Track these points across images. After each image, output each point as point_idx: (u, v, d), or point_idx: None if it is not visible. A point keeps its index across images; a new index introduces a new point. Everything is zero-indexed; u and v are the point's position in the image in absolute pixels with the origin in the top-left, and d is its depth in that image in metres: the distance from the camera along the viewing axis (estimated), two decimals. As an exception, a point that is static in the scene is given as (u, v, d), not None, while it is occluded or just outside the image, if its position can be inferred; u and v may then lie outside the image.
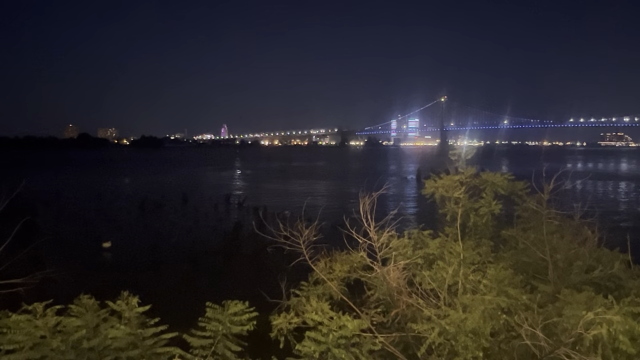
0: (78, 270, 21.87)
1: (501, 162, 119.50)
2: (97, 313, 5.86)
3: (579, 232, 7.49)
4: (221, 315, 6.10)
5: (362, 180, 7.91)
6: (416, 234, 7.64)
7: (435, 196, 7.98)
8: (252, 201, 51.66)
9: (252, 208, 44.23)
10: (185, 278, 24.89)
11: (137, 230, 37.46)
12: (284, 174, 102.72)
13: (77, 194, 59.85)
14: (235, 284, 23.46)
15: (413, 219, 34.95)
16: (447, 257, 6.97)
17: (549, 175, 7.31)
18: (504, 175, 8.28)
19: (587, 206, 7.95)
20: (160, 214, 45.87)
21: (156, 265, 27.55)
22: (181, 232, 36.45)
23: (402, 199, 57.43)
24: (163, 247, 30.81)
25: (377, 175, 67.96)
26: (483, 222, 8.03)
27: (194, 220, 41.67)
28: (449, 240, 7.38)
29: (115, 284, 7.48)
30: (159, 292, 21.87)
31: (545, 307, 5.79)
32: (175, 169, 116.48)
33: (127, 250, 31.25)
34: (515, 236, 7.90)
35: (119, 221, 40.88)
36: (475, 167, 7.95)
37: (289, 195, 60.98)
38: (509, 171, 8.71)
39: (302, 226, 6.84)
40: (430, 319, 5.94)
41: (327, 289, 7.17)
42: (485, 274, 6.62)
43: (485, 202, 8.04)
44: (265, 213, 40.55)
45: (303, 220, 6.94)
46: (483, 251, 7.36)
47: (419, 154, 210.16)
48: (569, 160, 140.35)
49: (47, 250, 25.67)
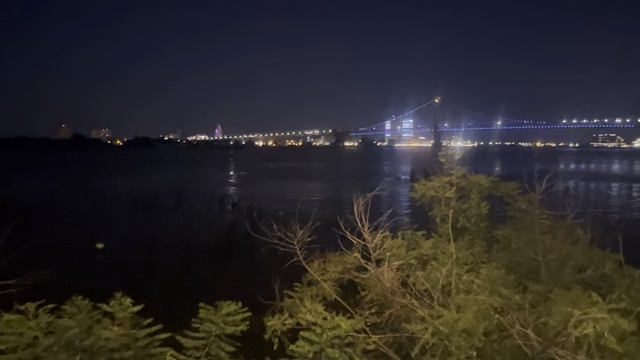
0: (71, 272, 21.74)
1: (494, 163, 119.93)
2: (90, 314, 5.85)
3: (571, 232, 7.54)
4: (214, 316, 6.10)
5: (357, 181, 7.95)
6: (410, 235, 7.67)
7: (424, 198, 8.00)
8: (246, 202, 51.56)
9: (246, 209, 44.11)
10: (178, 279, 24.79)
11: (130, 231, 37.32)
12: (278, 174, 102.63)
13: (69, 195, 59.45)
14: (228, 285, 23.34)
15: (407, 219, 35.00)
16: (440, 258, 7.00)
17: (541, 176, 7.36)
18: (490, 177, 8.32)
19: (579, 207, 8.00)
20: (153, 214, 45.70)
21: (149, 266, 27.42)
22: (174, 232, 36.34)
23: (396, 199, 57.42)
24: (156, 247, 30.67)
25: (371, 176, 68.01)
26: (472, 223, 8.07)
27: (187, 221, 41.55)
28: (442, 240, 7.42)
29: (109, 285, 7.45)
30: (152, 293, 21.69)
31: (537, 307, 5.84)
32: (169, 169, 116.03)
33: (121, 251, 31.11)
34: (507, 236, 7.95)
35: (112, 222, 40.70)
36: (466, 168, 7.99)
37: (283, 196, 60.87)
38: (502, 172, 8.78)
39: (296, 227, 6.86)
40: (424, 319, 5.96)
41: (320, 290, 7.18)
42: (478, 274, 6.66)
43: (473, 203, 8.08)
44: (259, 214, 40.21)
45: (297, 221, 6.96)
46: (476, 251, 7.41)
47: (413, 154, 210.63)
48: (562, 161, 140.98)
49: (40, 252, 25.45)
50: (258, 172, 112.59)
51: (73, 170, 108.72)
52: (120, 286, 6.58)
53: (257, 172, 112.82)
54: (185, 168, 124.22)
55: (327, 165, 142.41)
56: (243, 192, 65.25)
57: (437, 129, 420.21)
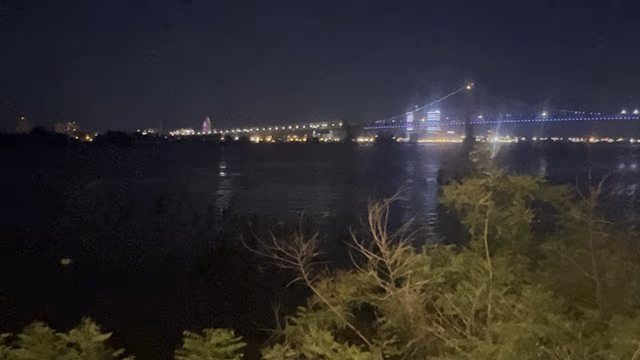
0: (30, 293, 21.86)
1: (538, 162, 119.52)
2: (52, 344, 5.87)
3: (633, 247, 7.50)
4: (202, 346, 6.10)
5: (372, 184, 7.94)
6: (436, 249, 7.66)
7: (456, 205, 7.98)
8: (240, 209, 51.62)
9: (239, 217, 44.08)
10: (158, 301, 24.84)
11: (102, 245, 37.43)
12: (277, 176, 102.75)
13: (28, 200, 59.91)
14: (218, 310, 23.42)
15: (433, 230, 34.95)
16: (473, 277, 6.98)
17: (596, 179, 7.32)
18: (537, 177, 8.28)
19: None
20: (128, 225, 45.86)
21: (123, 286, 27.53)
22: (154, 246, 36.45)
23: (420, 206, 57.38)
24: (132, 264, 30.78)
25: (389, 178, 68.10)
26: (513, 235, 8.04)
27: (169, 233, 41.70)
28: (475, 255, 7.40)
29: (75, 308, 7.48)
30: (126, 318, 21.84)
31: (591, 337, 5.80)
32: (147, 170, 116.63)
33: (90, 268, 31.22)
34: (556, 251, 7.91)
35: (80, 234, 40.90)
36: (505, 168, 7.97)
37: (284, 203, 60.90)
38: (548, 173, 8.71)
39: (300, 240, 6.86)
40: (454, 352, 5.94)
41: (329, 316, 7.18)
42: (520, 296, 6.63)
43: (515, 210, 8.04)
44: (255, 224, 40.40)
45: (301, 232, 6.96)
46: (517, 269, 7.38)
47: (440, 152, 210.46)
48: (621, 160, 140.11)
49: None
50: (254, 173, 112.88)
51: (33, 170, 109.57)
52: (89, 310, 6.61)
53: (253, 173, 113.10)
54: (166, 168, 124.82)
55: (336, 165, 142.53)
56: (236, 197, 65.31)
57: (469, 121, 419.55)
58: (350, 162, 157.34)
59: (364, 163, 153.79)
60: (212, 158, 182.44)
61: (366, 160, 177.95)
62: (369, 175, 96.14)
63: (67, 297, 24.78)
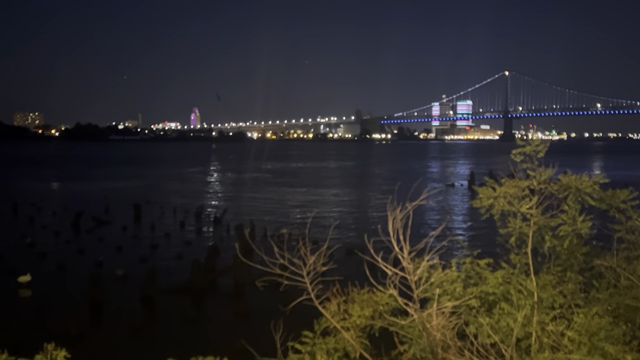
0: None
1: (592, 162, 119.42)
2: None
3: None
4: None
5: (391, 187, 7.90)
6: (469, 264, 7.61)
7: (493, 210, 7.92)
8: (235, 216, 51.95)
9: (234, 226, 44.34)
10: (137, 325, 24.98)
11: (69, 258, 37.68)
12: (279, 178, 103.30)
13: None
14: (208, 334, 23.52)
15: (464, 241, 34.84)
16: (514, 298, 6.94)
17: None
18: (595, 178, 8.21)
19: None
20: (101, 234, 46.22)
21: (95, 307, 27.67)
22: (132, 260, 36.66)
23: (449, 213, 57.51)
24: (105, 281, 30.91)
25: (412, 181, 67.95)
26: (565, 248, 7.97)
27: (149, 244, 41.95)
28: (516, 273, 7.35)
29: (37, 332, 7.48)
30: (100, 343, 21.95)
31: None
32: (123, 171, 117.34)
33: (54, 286, 31.46)
34: (615, 268, 7.84)
35: (44, 245, 41.16)
36: (553, 169, 7.91)
37: (288, 209, 61.29)
38: (605, 176, 8.61)
39: (306, 251, 6.82)
40: (491, 387, 5.90)
41: (340, 343, 7.14)
42: (570, 322, 6.58)
43: (568, 217, 7.96)
44: (253, 233, 40.65)
45: (307, 243, 6.92)
46: (568, 290, 7.31)
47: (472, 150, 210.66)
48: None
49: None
50: (252, 174, 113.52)
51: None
52: (53, 334, 6.60)
53: (251, 174, 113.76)
54: (146, 168, 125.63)
55: (349, 166, 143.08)
56: (230, 203, 65.74)
57: (508, 114, 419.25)
58: (364, 162, 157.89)
59: (382, 163, 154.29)
60: (201, 156, 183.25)
61: (383, 159, 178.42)
62: (388, 177, 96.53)
63: (27, 318, 24.98)
